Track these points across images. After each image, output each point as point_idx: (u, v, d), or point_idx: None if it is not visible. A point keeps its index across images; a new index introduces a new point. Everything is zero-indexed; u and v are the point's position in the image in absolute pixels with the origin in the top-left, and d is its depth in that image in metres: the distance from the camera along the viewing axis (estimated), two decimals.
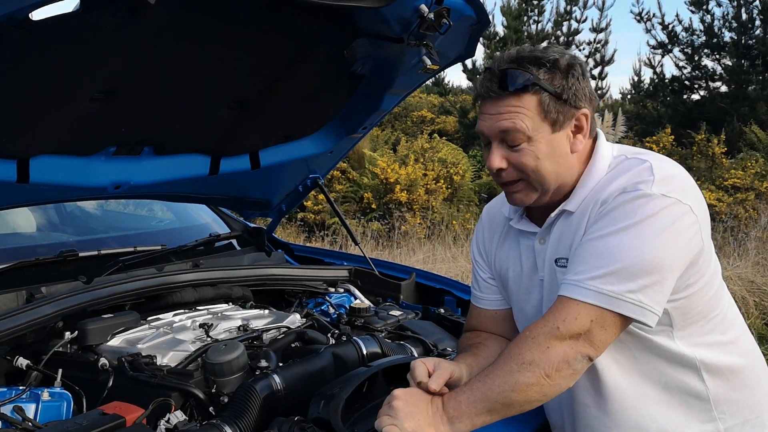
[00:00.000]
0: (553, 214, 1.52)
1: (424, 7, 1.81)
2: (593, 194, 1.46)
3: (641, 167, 1.41)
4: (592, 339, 1.35)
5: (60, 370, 1.67)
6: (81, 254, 2.22)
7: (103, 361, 1.71)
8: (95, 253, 2.27)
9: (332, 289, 2.57)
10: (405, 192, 9.38)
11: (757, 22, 13.02)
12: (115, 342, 1.84)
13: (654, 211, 1.34)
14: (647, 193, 1.36)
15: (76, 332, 1.81)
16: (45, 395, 1.55)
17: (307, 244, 6.85)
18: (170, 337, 1.88)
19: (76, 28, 1.48)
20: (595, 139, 1.53)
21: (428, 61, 2.04)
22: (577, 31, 14.08)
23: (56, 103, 1.67)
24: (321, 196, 9.09)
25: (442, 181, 9.98)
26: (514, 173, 1.47)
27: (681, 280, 1.39)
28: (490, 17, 15.34)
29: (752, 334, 4.86)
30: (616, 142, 1.74)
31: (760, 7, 12.90)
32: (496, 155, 1.45)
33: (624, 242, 1.35)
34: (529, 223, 1.60)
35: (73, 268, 2.15)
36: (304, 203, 9.56)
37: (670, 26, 13.93)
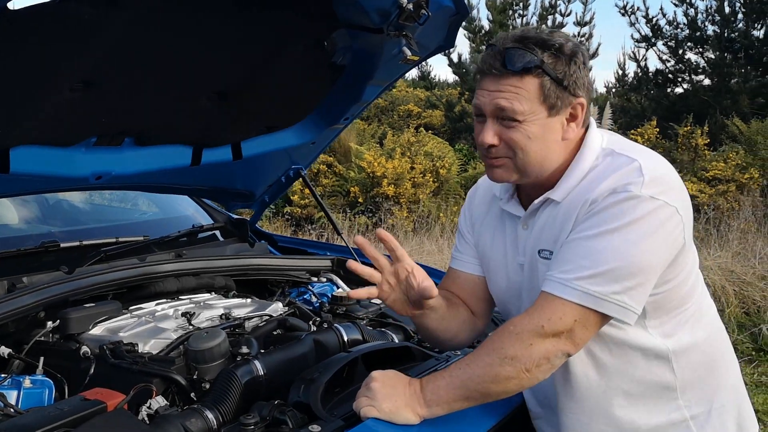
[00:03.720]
0: (536, 201, 1.53)
1: None
2: (581, 189, 1.46)
3: (631, 167, 1.42)
4: (573, 337, 1.38)
5: (42, 358, 1.69)
6: (62, 245, 2.22)
7: (84, 349, 1.72)
8: (77, 243, 2.27)
9: (315, 279, 2.59)
10: (392, 186, 9.40)
11: (740, 16, 13.12)
12: (97, 331, 1.85)
13: (642, 213, 1.37)
14: (636, 195, 1.37)
15: (58, 321, 1.82)
16: (27, 382, 1.56)
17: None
18: (152, 326, 1.90)
19: (54, 18, 1.48)
20: (586, 128, 1.53)
21: (408, 52, 2.05)
22: (561, 25, 14.12)
23: (35, 94, 1.67)
24: (307, 191, 9.09)
25: (429, 174, 10.00)
26: (503, 150, 1.46)
27: (660, 278, 1.42)
28: (475, 11, 15.36)
29: (732, 322, 4.90)
30: None
31: (742, 1, 13.00)
32: (490, 131, 1.45)
33: (612, 244, 1.37)
34: (518, 206, 1.60)
35: (55, 259, 2.15)
36: (291, 198, 9.55)
37: (654, 20, 14.01)
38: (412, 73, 20.22)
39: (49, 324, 1.82)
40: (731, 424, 1.58)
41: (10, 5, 1.37)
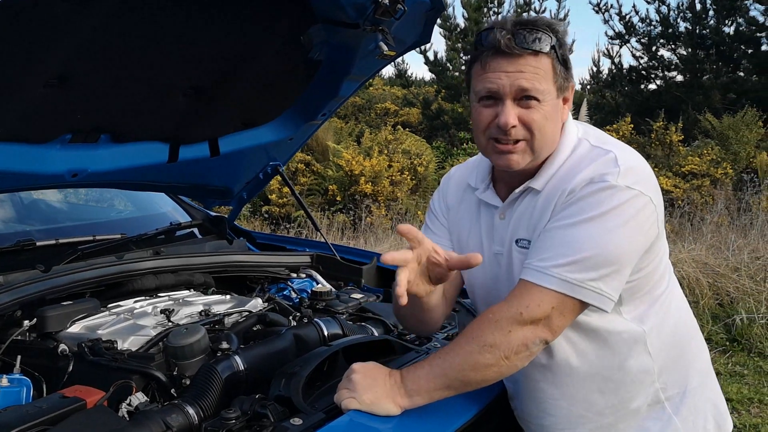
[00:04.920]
0: (517, 191, 1.54)
1: None
2: (558, 179, 1.49)
3: (606, 158, 1.45)
4: (551, 324, 1.40)
5: (18, 357, 1.67)
6: (38, 243, 2.20)
7: (62, 347, 1.71)
8: (53, 242, 2.25)
9: (294, 275, 2.59)
10: (370, 184, 9.42)
11: (711, 13, 13.34)
12: (75, 329, 1.83)
13: (619, 202, 1.39)
14: (613, 185, 1.40)
15: (35, 320, 1.80)
16: (3, 381, 1.54)
17: None
18: (131, 323, 1.88)
19: (27, 13, 1.47)
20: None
21: (385, 47, 2.05)
22: None
23: (8, 90, 1.66)
24: (285, 189, 9.07)
25: (407, 172, 10.04)
26: (521, 132, 1.45)
27: (636, 265, 1.45)
28: (451, 9, 15.42)
29: (706, 313, 4.96)
30: None
31: None
32: (511, 112, 1.43)
33: (589, 233, 1.39)
34: (495, 195, 1.61)
35: (31, 258, 2.13)
36: (269, 196, 9.52)
37: (627, 17, 14.21)
38: (389, 72, 20.24)
39: (26, 323, 1.80)
40: (706, 405, 1.62)
41: None
